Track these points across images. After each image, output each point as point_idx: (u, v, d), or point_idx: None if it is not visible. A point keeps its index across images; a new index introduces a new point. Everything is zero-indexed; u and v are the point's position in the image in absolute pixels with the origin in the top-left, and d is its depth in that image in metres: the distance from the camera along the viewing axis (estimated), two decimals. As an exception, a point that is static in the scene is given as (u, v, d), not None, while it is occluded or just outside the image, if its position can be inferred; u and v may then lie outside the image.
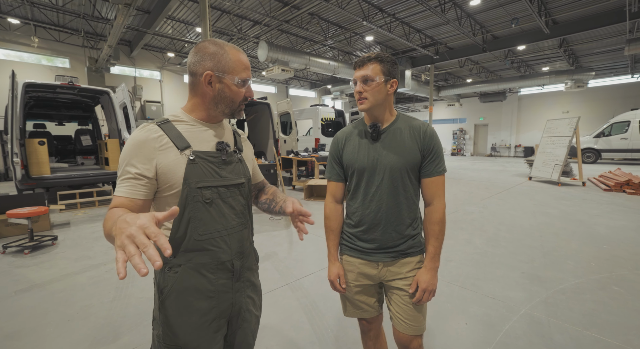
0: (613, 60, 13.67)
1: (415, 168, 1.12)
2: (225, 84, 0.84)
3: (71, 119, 8.23)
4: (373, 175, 1.12)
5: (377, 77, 1.06)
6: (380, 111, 1.13)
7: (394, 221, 1.12)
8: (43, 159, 5.41)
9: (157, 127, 0.83)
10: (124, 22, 7.17)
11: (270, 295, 2.36)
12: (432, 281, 1.10)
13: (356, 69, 1.10)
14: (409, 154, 1.09)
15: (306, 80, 19.00)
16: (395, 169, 1.09)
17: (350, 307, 1.25)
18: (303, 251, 3.32)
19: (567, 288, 2.40)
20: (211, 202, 0.85)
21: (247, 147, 1.05)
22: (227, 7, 9.18)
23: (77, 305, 2.22)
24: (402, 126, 1.13)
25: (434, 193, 1.12)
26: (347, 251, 1.23)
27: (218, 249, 0.87)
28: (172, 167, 0.81)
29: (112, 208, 0.75)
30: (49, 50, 10.64)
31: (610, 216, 4.50)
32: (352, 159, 1.16)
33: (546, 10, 9.00)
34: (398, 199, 1.11)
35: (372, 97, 1.08)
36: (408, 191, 1.12)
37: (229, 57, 0.83)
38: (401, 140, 1.11)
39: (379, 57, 1.08)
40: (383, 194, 1.11)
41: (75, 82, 5.89)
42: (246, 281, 0.96)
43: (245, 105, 7.20)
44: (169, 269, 0.84)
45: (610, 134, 12.18)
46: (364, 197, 1.15)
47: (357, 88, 1.09)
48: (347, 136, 1.21)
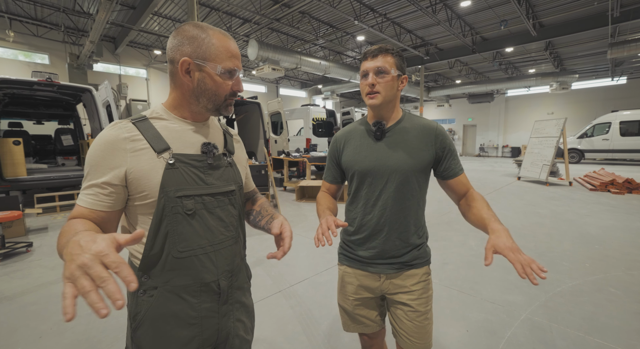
0: (595, 64, 14.11)
1: (424, 170, 1.02)
2: (206, 73, 0.71)
3: (51, 118, 7.83)
4: (376, 178, 1.02)
5: (392, 69, 0.96)
6: (389, 109, 1.03)
7: (398, 228, 1.03)
8: (18, 159, 5.10)
9: (131, 126, 0.70)
10: (106, 17, 6.87)
11: (263, 304, 2.24)
12: (512, 242, 0.77)
13: (368, 59, 0.98)
14: (418, 155, 1.00)
15: (297, 80, 18.85)
16: (402, 171, 1.00)
17: (350, 322, 1.15)
18: (296, 255, 3.21)
19: (565, 290, 2.37)
20: (194, 214, 0.73)
21: (240, 149, 0.93)
22: (216, 4, 8.96)
23: (51, 320, 2.04)
24: (408, 125, 1.04)
25: (465, 187, 1.03)
26: (346, 261, 1.13)
27: (202, 269, 0.74)
28: (146, 173, 0.68)
29: (71, 219, 0.63)
30: (27, 45, 10.14)
31: (598, 216, 4.57)
32: (352, 161, 1.06)
33: (534, 13, 9.17)
34: (404, 204, 1.02)
35: (385, 92, 0.98)
36: (415, 196, 1.03)
37: (211, 42, 0.70)
38: (408, 140, 1.01)
39: (393, 50, 0.99)
40: (387, 198, 1.01)
41: (54, 78, 5.59)
42: (235, 303, 0.83)
43: (235, 104, 6.84)
44: (143, 292, 0.72)
45: (593, 135, 12.55)
46: (366, 202, 1.05)
47: (368, 80, 0.97)
48: (348, 135, 1.11)
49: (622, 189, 6.37)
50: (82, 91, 6.07)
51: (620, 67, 13.59)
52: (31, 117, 7.47)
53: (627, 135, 11.63)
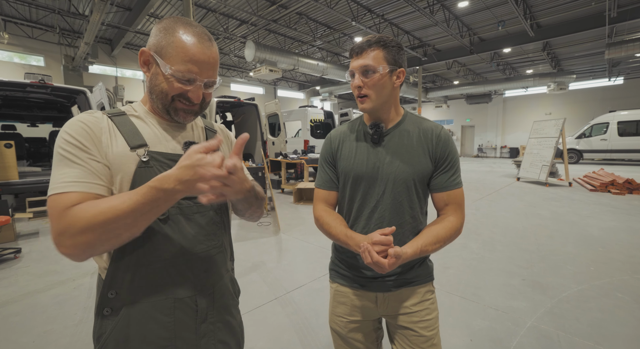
0: (592, 64, 14.13)
1: (425, 180, 0.91)
2: (159, 69, 0.64)
3: (45, 120, 7.73)
4: (372, 186, 0.91)
5: (380, 67, 0.84)
6: (385, 109, 0.91)
7: (397, 243, 0.88)
8: (10, 162, 4.99)
9: (107, 119, 0.64)
10: (100, 18, 6.79)
11: (258, 312, 2.15)
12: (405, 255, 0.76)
13: (353, 58, 0.87)
14: (418, 163, 0.89)
15: (294, 82, 18.80)
16: (400, 179, 0.89)
17: (343, 346, 1.02)
18: (293, 259, 3.12)
19: (571, 295, 2.29)
20: (167, 219, 0.65)
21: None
22: (213, 6, 8.90)
23: (35, 331, 1.94)
24: (410, 127, 0.93)
25: (449, 207, 0.90)
26: (338, 279, 1.02)
27: (176, 283, 0.66)
28: (116, 170, 0.61)
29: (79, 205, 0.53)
30: (21, 47, 10.04)
31: (600, 217, 4.51)
32: (347, 165, 0.95)
33: (531, 13, 9.16)
34: (402, 217, 0.90)
35: (375, 94, 0.86)
36: (414, 208, 0.91)
37: (172, 40, 0.63)
38: (409, 144, 0.90)
39: (381, 40, 0.85)
40: (384, 210, 0.90)
41: (48, 80, 5.50)
42: (217, 323, 0.73)
43: (233, 106, 6.75)
44: (110, 310, 0.63)
45: (591, 135, 12.54)
46: (360, 213, 0.93)
47: (355, 82, 0.86)
48: (343, 136, 1.00)
49: (623, 189, 6.33)
50: (76, 93, 5.97)
51: (617, 67, 13.61)
52: (25, 119, 7.36)
53: (625, 135, 11.63)
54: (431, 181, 0.92)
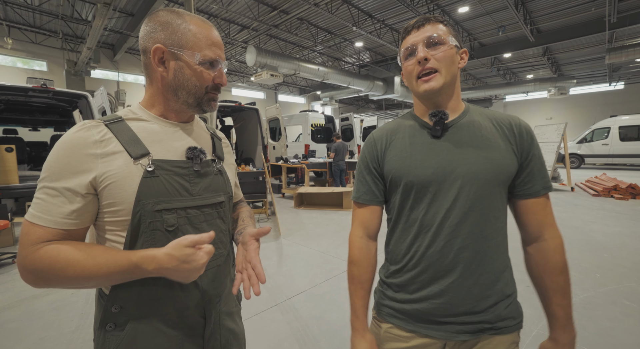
0: (592, 69, 14.19)
1: (508, 182, 0.71)
2: (183, 62, 0.62)
3: (47, 125, 7.76)
4: (440, 191, 0.70)
5: (449, 37, 0.69)
6: (448, 95, 0.72)
7: (478, 268, 0.68)
8: (10, 166, 4.99)
9: (103, 127, 0.60)
10: (103, 23, 6.86)
11: (257, 319, 2.11)
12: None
13: (411, 33, 0.71)
14: (502, 158, 0.69)
15: (295, 86, 18.90)
16: (482, 180, 0.68)
17: None
18: (293, 265, 3.08)
19: (577, 302, 2.25)
20: (176, 230, 0.62)
21: (229, 154, 0.82)
22: (215, 11, 8.99)
23: (30, 338, 1.90)
24: (478, 118, 0.74)
25: (543, 221, 0.71)
26: (390, 318, 0.76)
27: (184, 295, 0.64)
28: (119, 182, 0.57)
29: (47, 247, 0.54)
30: (25, 52, 10.13)
31: (604, 222, 4.46)
32: (401, 168, 0.73)
33: (531, 19, 9.22)
34: (484, 231, 0.68)
35: (446, 68, 0.68)
36: (499, 217, 0.70)
37: (188, 28, 0.61)
38: (484, 138, 0.70)
39: (439, 17, 0.72)
40: (460, 222, 0.68)
41: (49, 85, 5.52)
42: (223, 331, 0.72)
43: (234, 110, 6.74)
44: (113, 326, 0.61)
45: (592, 139, 12.51)
46: (423, 227, 0.71)
47: (419, 54, 0.68)
48: (390, 133, 0.78)
49: (626, 194, 6.28)
50: (77, 97, 6.00)
51: (617, 72, 13.66)
52: (27, 123, 7.39)
53: (627, 140, 11.60)
54: (517, 183, 0.72)
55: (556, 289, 0.70)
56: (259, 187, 5.36)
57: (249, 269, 0.65)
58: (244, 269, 0.66)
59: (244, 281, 0.64)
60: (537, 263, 0.73)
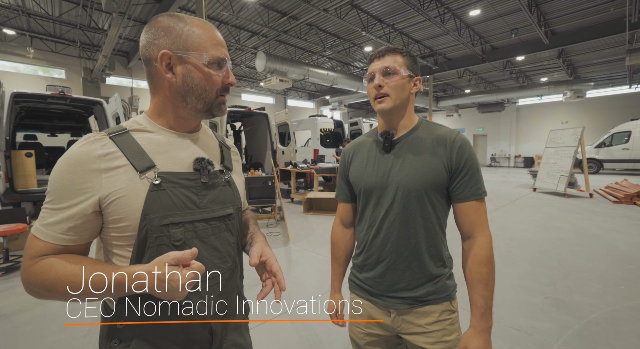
0: (611, 71, 13.75)
1: (440, 189, 0.87)
2: (191, 65, 0.61)
3: (64, 130, 8.02)
4: (383, 195, 0.90)
5: (401, 69, 0.86)
6: (399, 115, 0.91)
7: (408, 257, 0.88)
8: (30, 171, 5.16)
9: (107, 140, 0.59)
10: (118, 32, 7.07)
11: (266, 327, 2.09)
12: (486, 348, 0.80)
13: (374, 61, 0.89)
14: (430, 171, 0.85)
15: (304, 91, 19.01)
16: (410, 188, 0.85)
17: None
18: (302, 272, 3.06)
19: (601, 317, 2.14)
20: (183, 245, 0.60)
21: (237, 163, 0.81)
22: (225, 18, 9.16)
23: (45, 341, 1.93)
24: (423, 134, 0.90)
25: (473, 222, 0.86)
26: (355, 290, 1.01)
27: (190, 309, 0.62)
28: (125, 197, 0.56)
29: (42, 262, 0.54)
30: (45, 61, 10.55)
31: (627, 231, 4.26)
32: (358, 176, 0.95)
33: (545, 21, 9.02)
34: (413, 228, 0.87)
35: (395, 94, 0.86)
36: (428, 219, 0.87)
37: (191, 29, 0.61)
38: (420, 151, 0.88)
39: (399, 49, 0.89)
40: (394, 220, 0.88)
41: (67, 92, 5.71)
42: (231, 347, 0.70)
43: (243, 115, 6.83)
44: (118, 342, 0.60)
45: (612, 144, 12.09)
46: (371, 224, 0.93)
47: (375, 82, 0.87)
48: (356, 148, 1.01)
49: (649, 201, 6.01)
50: (93, 104, 6.19)
51: (638, 74, 13.18)
52: (45, 129, 7.66)
53: (649, 144, 11.16)
54: (451, 190, 0.88)
55: (479, 280, 0.83)
56: (268, 192, 5.37)
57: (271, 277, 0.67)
58: (267, 278, 0.68)
59: (265, 286, 0.67)
60: (466, 256, 0.88)
